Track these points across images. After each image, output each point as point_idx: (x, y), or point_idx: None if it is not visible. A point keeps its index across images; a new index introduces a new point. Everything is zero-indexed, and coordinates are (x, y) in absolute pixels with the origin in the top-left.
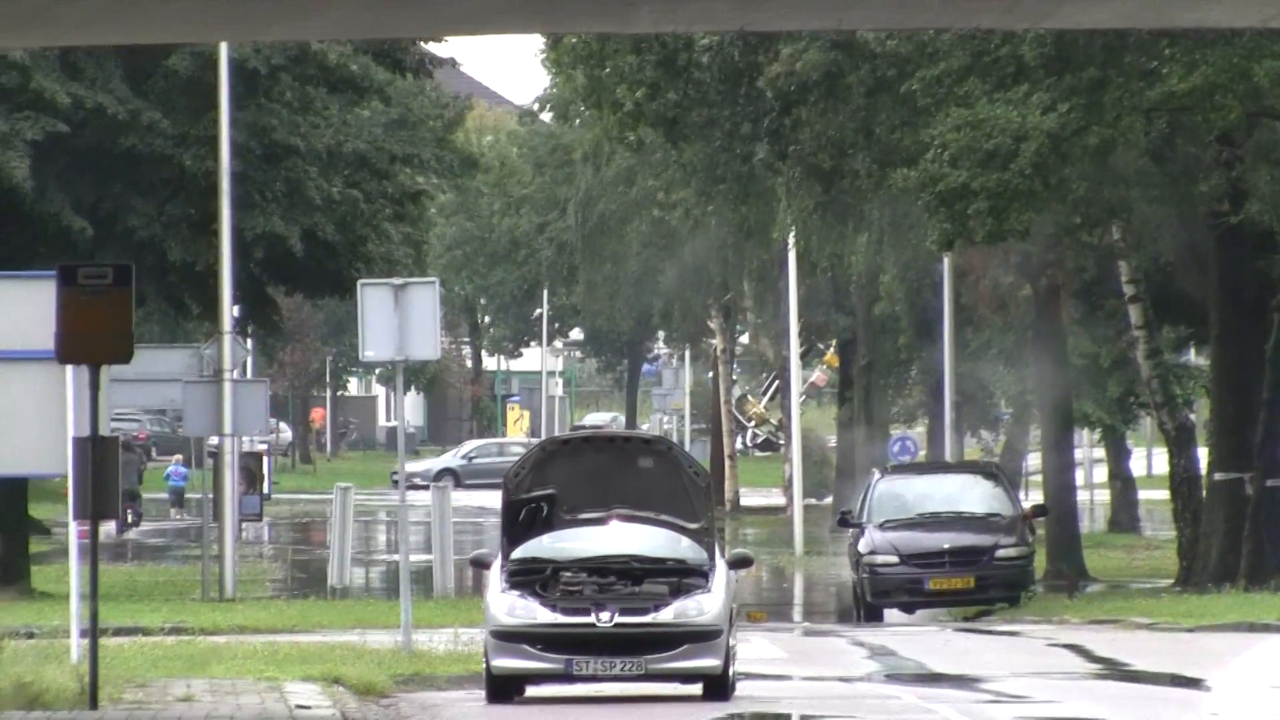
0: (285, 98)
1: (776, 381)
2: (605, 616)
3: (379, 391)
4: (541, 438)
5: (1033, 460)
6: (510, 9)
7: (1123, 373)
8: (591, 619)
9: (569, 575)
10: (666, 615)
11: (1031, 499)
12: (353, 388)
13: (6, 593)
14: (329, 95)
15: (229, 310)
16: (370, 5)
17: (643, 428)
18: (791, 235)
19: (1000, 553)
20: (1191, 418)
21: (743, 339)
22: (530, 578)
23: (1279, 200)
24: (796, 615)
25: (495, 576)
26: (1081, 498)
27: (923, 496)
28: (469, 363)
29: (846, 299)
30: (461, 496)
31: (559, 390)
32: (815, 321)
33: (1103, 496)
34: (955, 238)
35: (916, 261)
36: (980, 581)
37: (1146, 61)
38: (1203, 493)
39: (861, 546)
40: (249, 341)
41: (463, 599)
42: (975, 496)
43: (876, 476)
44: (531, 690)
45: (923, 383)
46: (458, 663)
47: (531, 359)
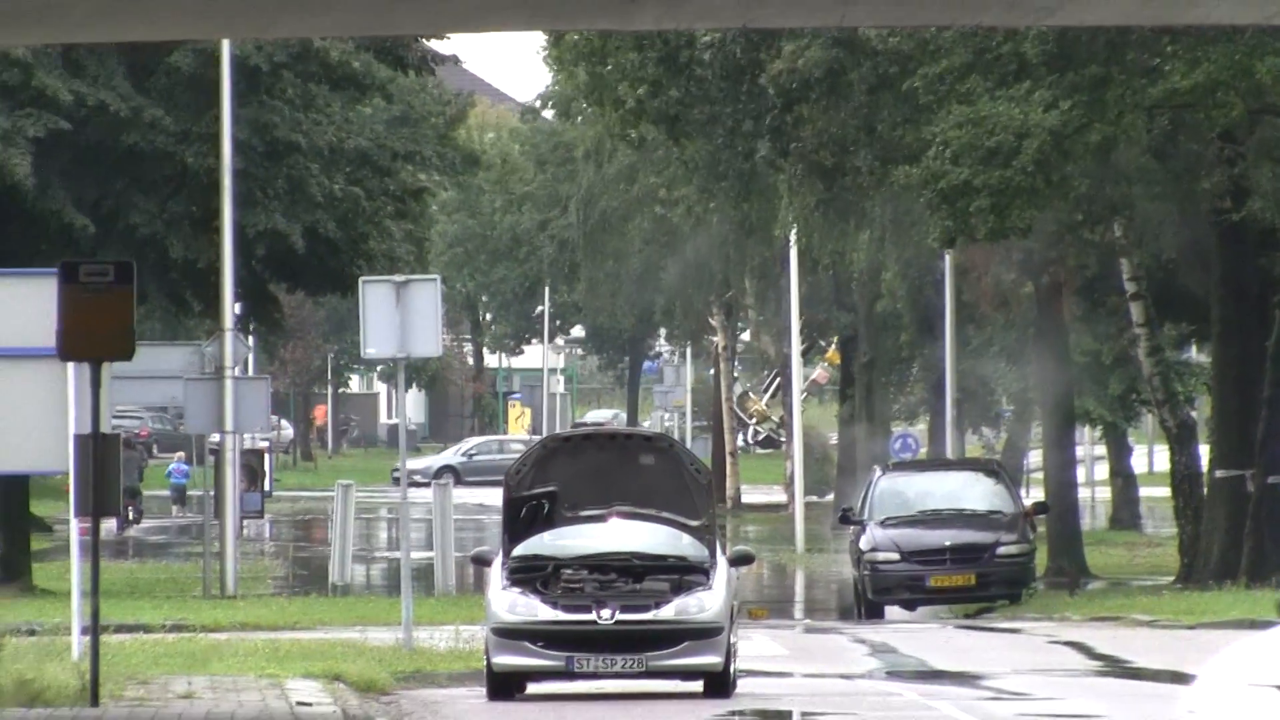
0: (287, 95)
1: (778, 379)
2: (606, 614)
3: (380, 389)
4: (542, 435)
5: (1034, 457)
6: (512, 6)
7: (1124, 370)
8: (592, 616)
9: (570, 572)
10: (667, 612)
11: (1033, 496)
12: (354, 385)
13: (8, 590)
14: (331, 92)
15: (230, 307)
16: (372, 2)
17: (644, 425)
18: (793, 232)
19: (1001, 550)
20: (1193, 415)
21: (744, 336)
22: (531, 575)
23: None
24: (798, 612)
25: (496, 574)
26: (1083, 495)
27: (924, 494)
28: (470, 360)
29: (848, 296)
30: (461, 494)
31: (560, 387)
32: (817, 319)
33: (1104, 494)
34: (957, 235)
35: (918, 259)
36: (981, 579)
37: (1149, 59)
38: (1204, 490)
39: (863, 544)
40: (250, 339)
41: (464, 596)
42: (976, 494)
43: (878, 474)
44: (532, 687)
45: (924, 380)
46: (459, 660)
47: (533, 356)
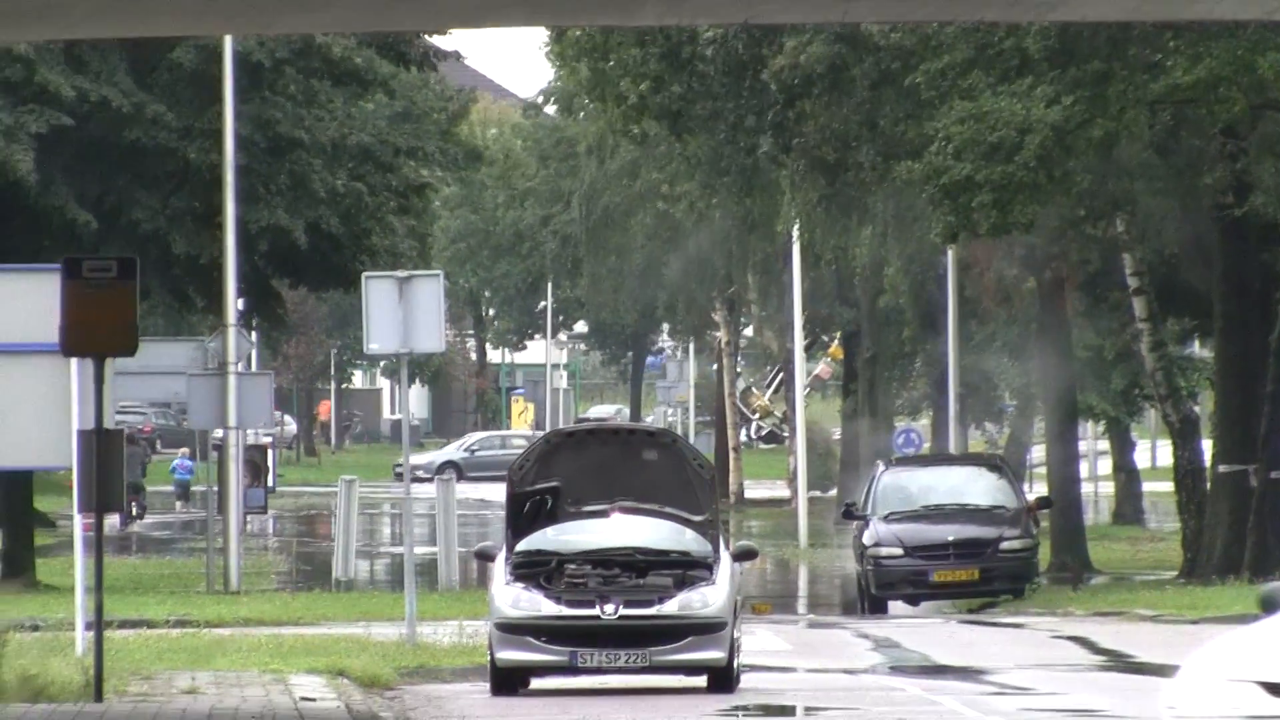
0: (289, 91)
1: (781, 374)
2: (610, 609)
3: (383, 384)
4: (546, 430)
5: (1037, 452)
6: (514, 1)
7: (1127, 365)
8: (596, 611)
9: (573, 567)
10: (671, 607)
11: (1036, 491)
12: (357, 380)
13: (11, 585)
14: (333, 88)
15: (233, 303)
16: None
17: (647, 420)
18: (796, 228)
19: (1004, 545)
20: (1196, 410)
21: (747, 331)
22: (535, 570)
23: None
24: (801, 607)
25: (500, 569)
26: (1086, 490)
27: (927, 489)
28: (473, 356)
29: (851, 291)
30: (463, 489)
31: (563, 383)
32: (819, 314)
33: (1107, 489)
34: (959, 230)
35: (921, 254)
36: (985, 573)
37: (1151, 54)
38: (1207, 485)
39: (866, 539)
40: (253, 335)
41: (467, 591)
42: (979, 489)
43: (881, 469)
44: (536, 682)
45: (927, 375)
46: (462, 655)
47: (536, 352)
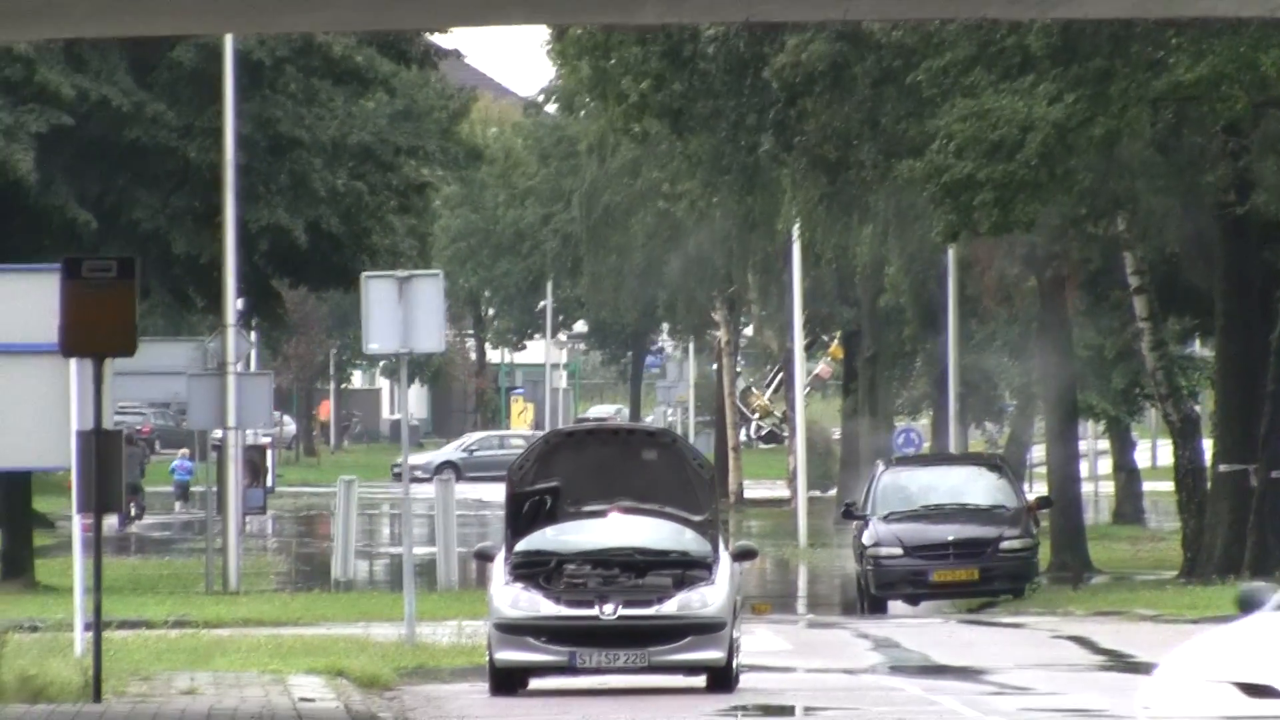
0: (290, 89)
1: (781, 374)
2: (609, 609)
3: (383, 384)
4: (545, 430)
5: (1037, 452)
6: (515, 0)
7: (1127, 364)
8: (595, 611)
9: (573, 568)
10: (670, 607)
11: (1036, 491)
12: (357, 380)
13: (10, 586)
14: (334, 87)
15: (233, 303)
16: None
17: (647, 420)
18: (796, 227)
19: (1004, 544)
20: (1196, 409)
21: (747, 331)
22: (534, 570)
23: None
24: (801, 607)
25: (499, 569)
26: (1086, 489)
27: (927, 488)
28: (473, 355)
29: (851, 290)
30: (462, 489)
31: (563, 383)
32: (820, 313)
33: (1107, 488)
34: (960, 229)
35: (921, 253)
36: (984, 573)
37: (1153, 52)
38: (1207, 484)
39: (866, 538)
40: (253, 335)
41: (466, 591)
42: (979, 488)
43: (881, 468)
44: (535, 682)
45: (927, 374)
46: (461, 655)
47: (536, 351)
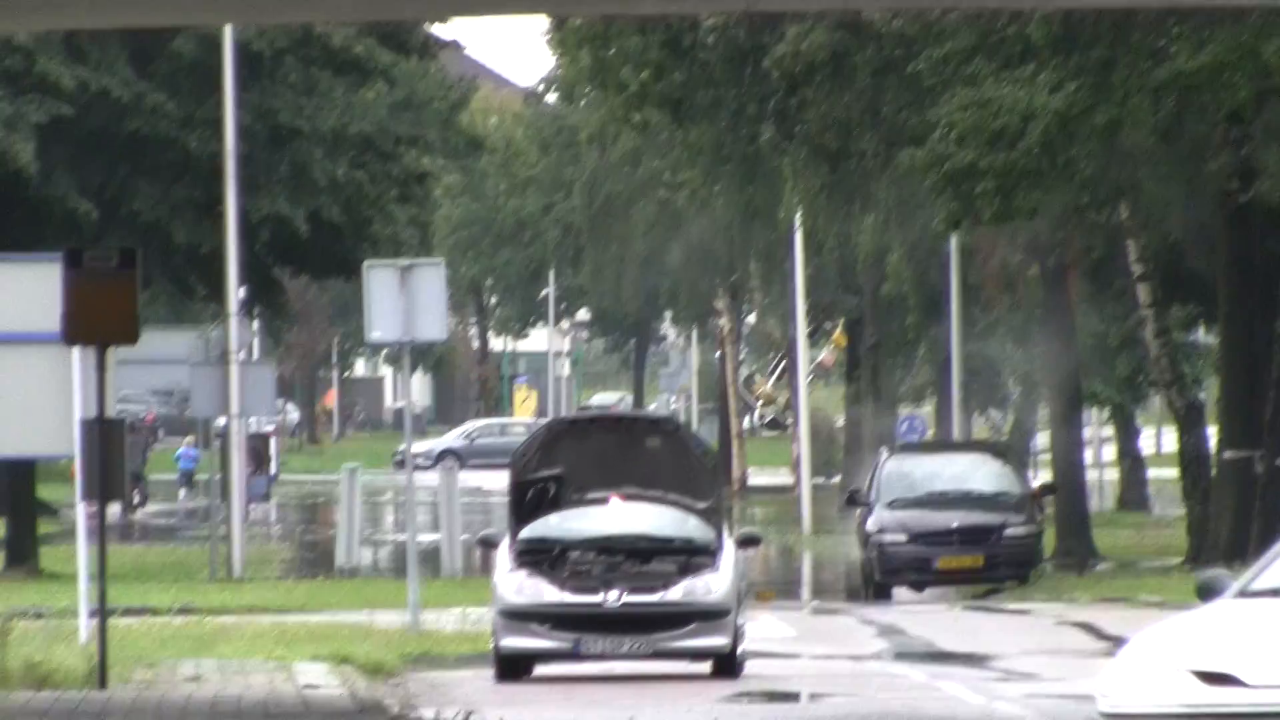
0: (290, 80)
1: (784, 361)
2: (613, 595)
3: (386, 372)
4: (549, 418)
5: (1041, 439)
6: None
7: (1131, 351)
8: (599, 598)
9: (577, 555)
10: (674, 594)
11: (1040, 478)
12: (360, 369)
13: (15, 574)
14: (334, 77)
15: (235, 292)
16: None
17: (650, 408)
18: (798, 216)
19: (1009, 531)
20: (1201, 396)
21: (750, 319)
22: (538, 557)
23: None
24: (805, 594)
25: (503, 556)
26: (1090, 476)
27: (931, 475)
28: (476, 344)
29: (854, 279)
30: (462, 477)
31: (566, 371)
32: (822, 301)
33: (1112, 475)
34: (962, 218)
35: (924, 241)
36: (989, 560)
37: (1154, 41)
38: (1212, 471)
39: (870, 525)
40: (255, 323)
41: (470, 579)
42: (983, 475)
43: (885, 455)
44: (540, 669)
45: (930, 362)
46: (466, 642)
47: (538, 339)
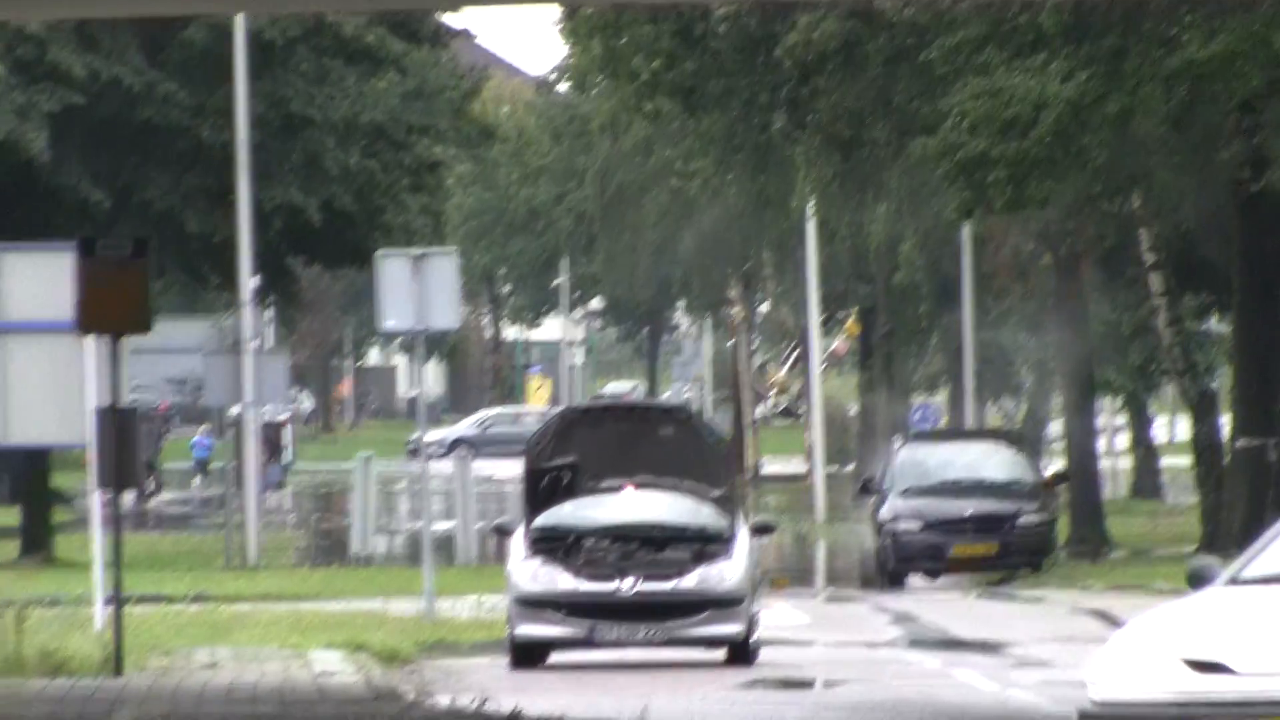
0: (302, 69)
1: (797, 350)
2: (628, 583)
3: (399, 361)
4: (561, 407)
5: (1054, 427)
6: None
7: (1144, 340)
8: (614, 586)
9: (591, 542)
10: (689, 582)
11: (1053, 466)
12: (373, 357)
13: (30, 562)
14: (345, 66)
15: (248, 281)
16: None
17: (663, 396)
18: (810, 204)
19: (1022, 519)
20: (1213, 384)
21: (763, 308)
22: (553, 545)
23: None
24: (819, 582)
25: (518, 544)
26: (1104, 465)
27: (945, 464)
28: (489, 332)
29: (866, 267)
30: (474, 465)
31: (579, 359)
32: (835, 290)
33: (1125, 463)
34: (974, 206)
35: (936, 230)
36: (1003, 548)
37: (1166, 29)
38: (1225, 459)
39: (884, 513)
40: (268, 312)
41: (485, 566)
42: (997, 463)
43: (898, 444)
44: (555, 656)
45: (944, 350)
46: (481, 630)
47: (551, 328)
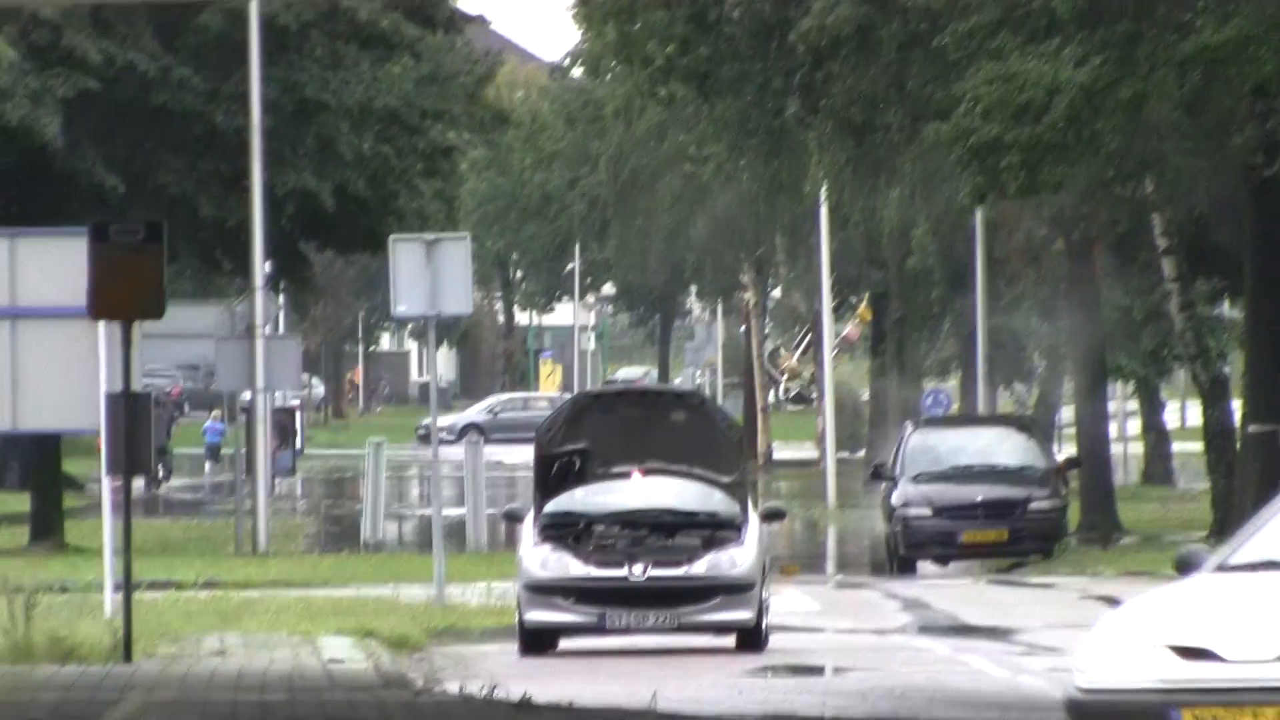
0: (316, 54)
1: (809, 335)
2: (638, 569)
3: (411, 346)
4: (573, 392)
5: (1066, 413)
6: None
7: (1156, 325)
8: (624, 572)
9: (602, 529)
10: (699, 568)
11: (1065, 452)
12: (385, 343)
13: (40, 547)
14: (359, 51)
15: (261, 266)
16: None
17: (675, 382)
18: (823, 189)
19: (1033, 505)
20: (1225, 370)
21: (775, 293)
22: (563, 531)
23: None
24: (829, 568)
25: (528, 530)
26: (1115, 450)
27: (956, 449)
28: (501, 318)
29: (879, 252)
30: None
31: (591, 345)
32: (848, 275)
33: (1136, 449)
34: (987, 192)
35: (949, 215)
36: (1013, 534)
37: (1179, 14)
38: (1237, 445)
39: (894, 499)
40: (281, 297)
41: (495, 553)
42: (1008, 449)
43: (909, 430)
44: (565, 643)
45: (955, 335)
46: (491, 616)
47: (564, 314)
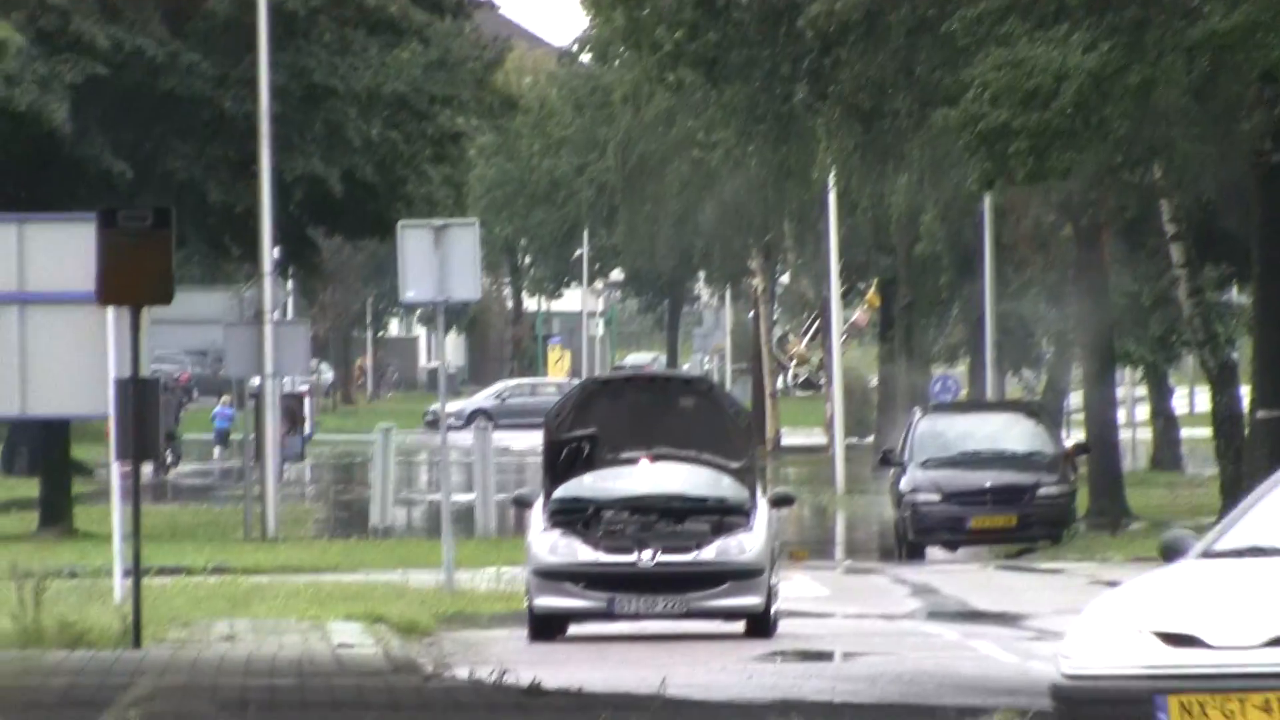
0: (324, 39)
1: (817, 321)
2: (647, 555)
3: (420, 332)
4: (581, 378)
5: (1075, 399)
6: None
7: (1164, 311)
8: (633, 557)
9: (611, 514)
10: (708, 554)
11: (1073, 437)
12: (394, 328)
13: (49, 533)
14: (368, 37)
15: (269, 252)
16: None
17: (684, 368)
18: (832, 175)
19: (1042, 491)
20: (1234, 356)
21: (783, 279)
22: (572, 517)
23: None
24: (838, 553)
25: (537, 516)
26: (1124, 436)
27: (964, 435)
28: (509, 304)
29: (887, 239)
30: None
31: (600, 330)
32: (856, 261)
33: (1145, 435)
34: (996, 177)
35: (957, 201)
36: (1022, 519)
37: (1188, 0)
38: (1245, 430)
39: (903, 485)
40: (289, 283)
41: (504, 538)
42: (1017, 435)
43: (918, 415)
44: (574, 628)
45: (964, 321)
46: (500, 601)
47: (572, 299)
